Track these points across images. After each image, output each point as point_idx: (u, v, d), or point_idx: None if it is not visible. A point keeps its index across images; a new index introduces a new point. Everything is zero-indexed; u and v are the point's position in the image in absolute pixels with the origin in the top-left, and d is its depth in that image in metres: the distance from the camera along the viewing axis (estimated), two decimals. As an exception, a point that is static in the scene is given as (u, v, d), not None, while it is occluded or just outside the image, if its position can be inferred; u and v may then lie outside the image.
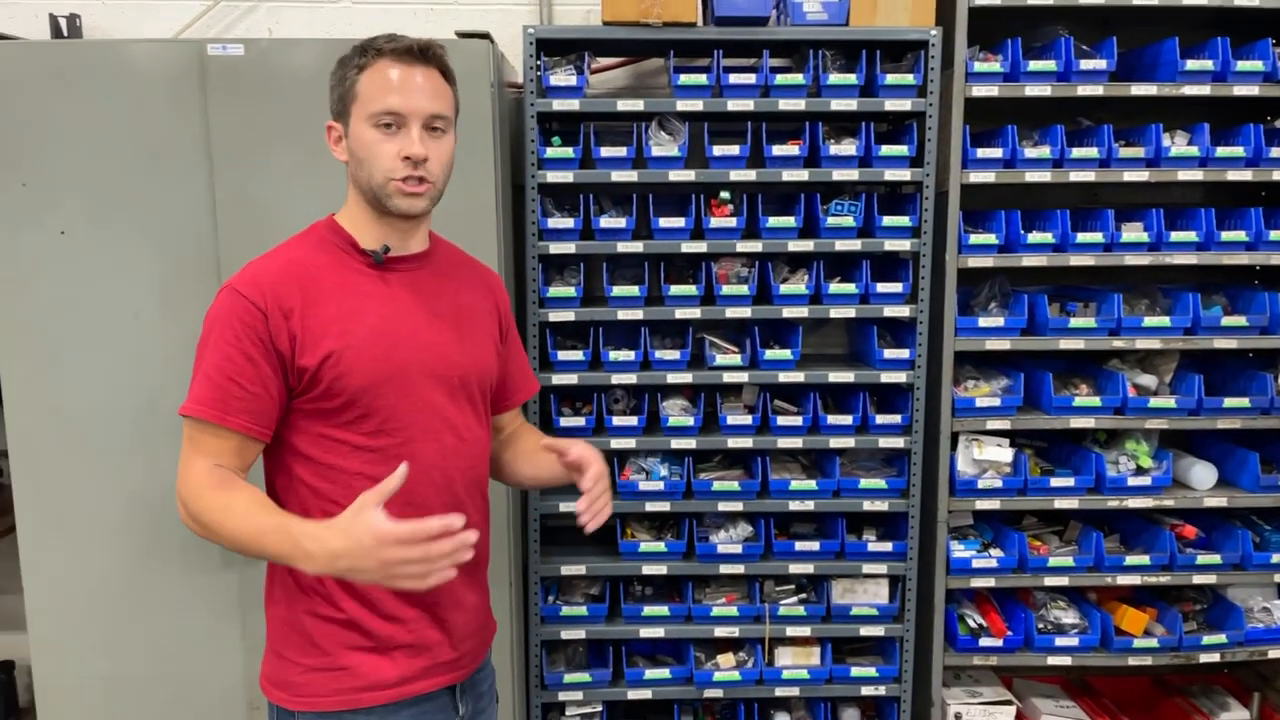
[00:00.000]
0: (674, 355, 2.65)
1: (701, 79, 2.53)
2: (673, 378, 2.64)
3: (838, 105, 2.55)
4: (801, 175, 2.58)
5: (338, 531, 1.30)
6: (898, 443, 2.68)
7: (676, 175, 2.56)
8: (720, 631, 2.72)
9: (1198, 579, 2.73)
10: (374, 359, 1.48)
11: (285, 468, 1.52)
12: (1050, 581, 2.72)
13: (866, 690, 2.77)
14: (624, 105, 2.54)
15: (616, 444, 2.65)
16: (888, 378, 2.66)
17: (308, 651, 1.51)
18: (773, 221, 2.60)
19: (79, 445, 2.31)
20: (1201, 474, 2.74)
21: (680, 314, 2.62)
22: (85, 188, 2.24)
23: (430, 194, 1.52)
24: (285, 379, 1.47)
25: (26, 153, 2.22)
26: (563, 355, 2.63)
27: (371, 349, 1.48)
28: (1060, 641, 2.71)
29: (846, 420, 2.67)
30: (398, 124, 1.47)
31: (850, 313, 2.64)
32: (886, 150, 2.57)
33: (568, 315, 2.60)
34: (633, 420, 2.66)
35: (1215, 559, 2.70)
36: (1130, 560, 2.70)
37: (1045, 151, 2.60)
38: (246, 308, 1.44)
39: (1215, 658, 2.74)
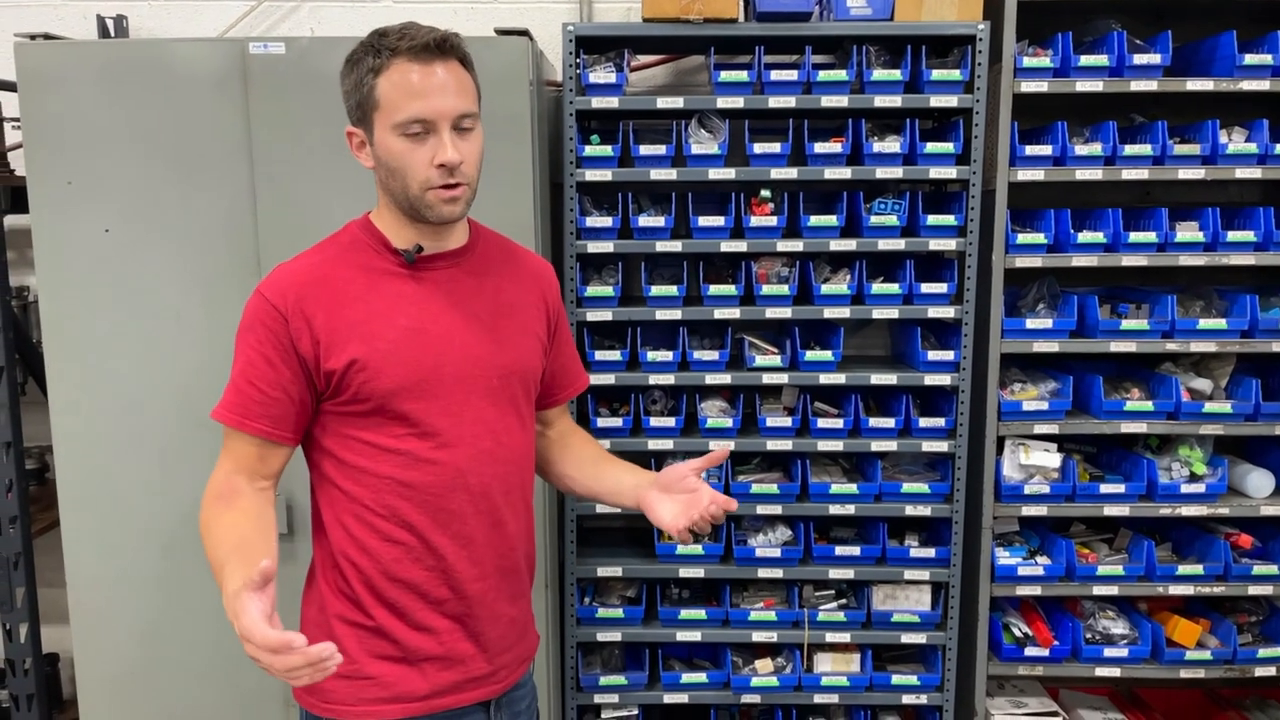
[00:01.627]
0: (713, 356, 2.62)
1: (742, 76, 2.50)
2: (711, 378, 2.61)
3: (882, 102, 2.50)
4: (844, 173, 2.54)
5: (231, 608, 1.23)
6: (941, 446, 2.62)
7: (716, 173, 2.53)
8: (758, 636, 2.68)
9: (1254, 590, 2.65)
10: (403, 363, 1.45)
11: (320, 471, 1.51)
12: (1099, 590, 2.64)
13: (908, 699, 2.71)
14: (664, 103, 2.51)
15: (654, 445, 2.62)
16: (931, 380, 2.61)
17: None
18: (814, 220, 2.56)
19: (121, 441, 2.33)
20: (1259, 481, 2.65)
21: (719, 314, 2.59)
22: (129, 186, 2.26)
23: (467, 196, 1.47)
24: (311, 382, 1.45)
25: (72, 151, 2.25)
26: (600, 355, 2.61)
27: (401, 353, 1.45)
28: (1109, 652, 2.64)
29: (889, 423, 2.61)
30: (426, 129, 1.40)
31: (893, 313, 2.59)
32: (932, 148, 2.52)
33: (605, 315, 2.58)
34: (670, 421, 2.63)
35: (1272, 569, 2.62)
36: (1183, 570, 2.62)
37: (1097, 149, 2.53)
38: (269, 311, 1.43)
39: (1271, 671, 2.65)
